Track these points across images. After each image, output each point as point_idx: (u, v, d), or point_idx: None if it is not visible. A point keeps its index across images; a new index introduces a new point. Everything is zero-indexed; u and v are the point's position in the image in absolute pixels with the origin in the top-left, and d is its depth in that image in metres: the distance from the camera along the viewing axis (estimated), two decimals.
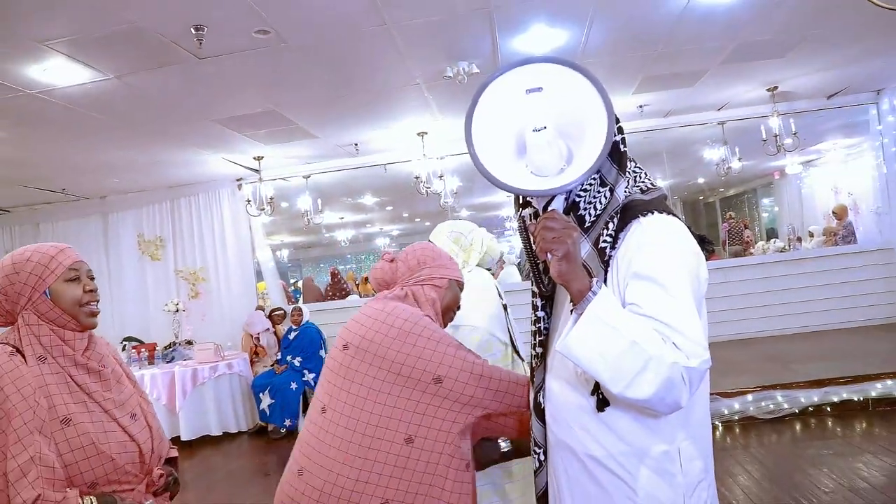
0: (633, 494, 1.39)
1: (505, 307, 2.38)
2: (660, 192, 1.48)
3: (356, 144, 7.03)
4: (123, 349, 7.30)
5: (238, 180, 7.91)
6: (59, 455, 1.45)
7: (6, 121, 5.05)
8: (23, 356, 1.52)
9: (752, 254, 10.40)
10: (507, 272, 10.69)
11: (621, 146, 1.41)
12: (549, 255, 1.31)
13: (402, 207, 13.76)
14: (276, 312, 7.62)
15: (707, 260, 1.57)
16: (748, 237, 11.86)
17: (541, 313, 1.57)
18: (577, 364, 1.31)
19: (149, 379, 6.29)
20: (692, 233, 1.45)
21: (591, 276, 1.34)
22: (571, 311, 1.35)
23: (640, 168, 1.51)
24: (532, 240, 1.40)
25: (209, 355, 6.67)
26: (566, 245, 1.29)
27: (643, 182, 1.48)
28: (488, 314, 2.29)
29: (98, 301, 1.66)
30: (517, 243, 19.38)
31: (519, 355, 2.34)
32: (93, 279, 1.68)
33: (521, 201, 1.54)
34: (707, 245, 10.46)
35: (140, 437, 1.62)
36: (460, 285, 1.88)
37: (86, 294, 1.62)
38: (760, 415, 4.94)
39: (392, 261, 1.89)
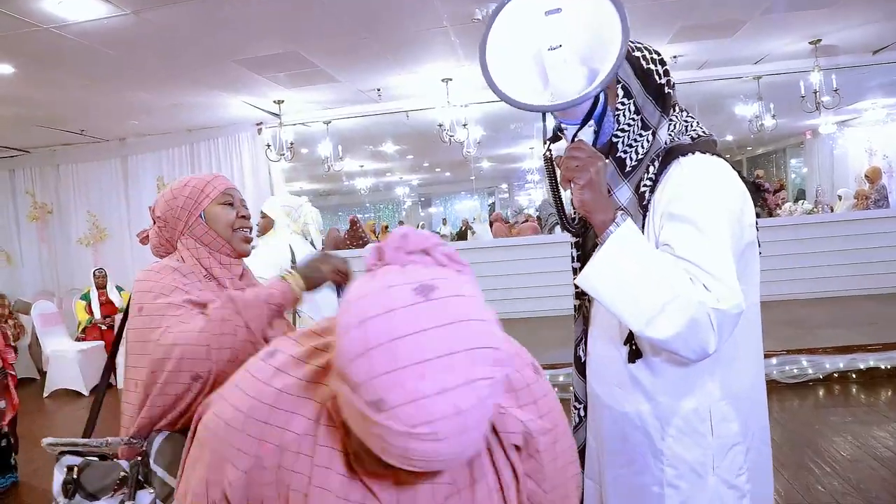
0: (659, 454, 1.35)
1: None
2: (709, 139, 1.38)
3: (378, 90, 6.87)
4: None
5: (258, 124, 7.79)
6: None
7: (21, 57, 4.94)
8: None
9: (779, 215, 10.16)
10: (481, 228, 10.77)
11: (665, 88, 1.33)
12: (572, 184, 1.26)
13: (423, 157, 13.61)
14: None
15: None
16: (778, 199, 11.51)
17: (576, 264, 1.51)
18: (597, 298, 1.26)
19: None
20: (743, 178, 1.36)
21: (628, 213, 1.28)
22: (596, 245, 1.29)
23: (692, 118, 1.42)
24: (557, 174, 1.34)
25: None
26: (589, 173, 1.24)
27: (695, 130, 1.39)
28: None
29: (251, 228, 1.68)
30: (536, 197, 19.22)
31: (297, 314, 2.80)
32: (245, 207, 1.68)
33: (548, 136, 1.45)
34: (762, 193, 10.16)
35: None
36: None
37: (239, 219, 1.62)
38: (783, 379, 4.85)
39: None
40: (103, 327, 7.13)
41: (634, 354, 1.36)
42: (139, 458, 1.41)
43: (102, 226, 8.35)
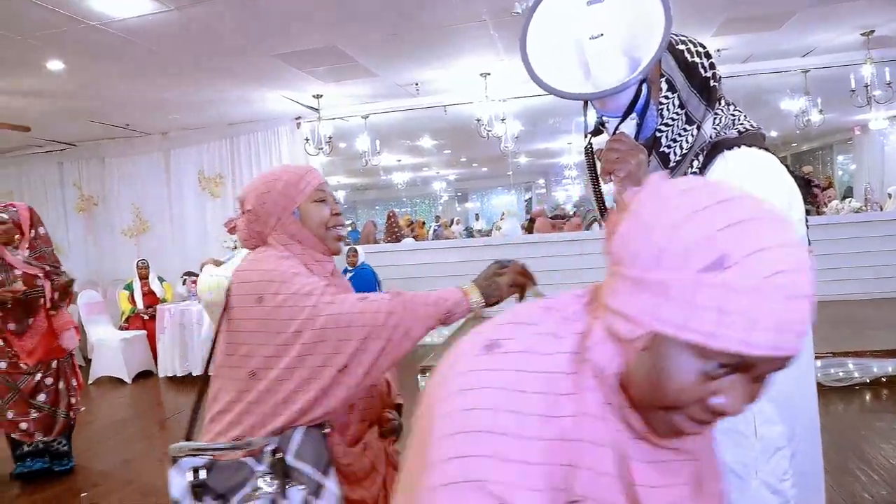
0: None
1: None
2: (756, 132, 1.35)
3: (417, 84, 6.86)
4: (184, 283, 7.48)
5: (297, 119, 7.86)
6: None
7: (67, 53, 5.06)
8: None
9: (825, 213, 9.86)
10: (510, 224, 10.70)
11: (711, 81, 1.30)
12: (612, 177, 1.26)
13: (460, 152, 13.58)
14: None
15: None
16: (825, 197, 11.15)
17: None
18: None
19: (205, 313, 6.42)
20: (792, 172, 1.31)
21: None
22: None
23: (739, 111, 1.39)
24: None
25: None
26: (629, 165, 1.23)
27: (742, 124, 1.36)
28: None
29: (344, 226, 1.63)
30: (574, 192, 19.02)
31: None
32: (337, 202, 1.63)
33: (590, 130, 1.45)
34: (813, 189, 9.89)
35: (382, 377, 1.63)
36: None
37: (333, 217, 1.58)
38: (827, 382, 4.70)
39: None
40: (145, 317, 7.30)
41: None
42: (276, 456, 1.37)
43: (145, 218, 8.53)
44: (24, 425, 3.93)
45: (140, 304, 7.36)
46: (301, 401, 1.35)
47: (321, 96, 7.08)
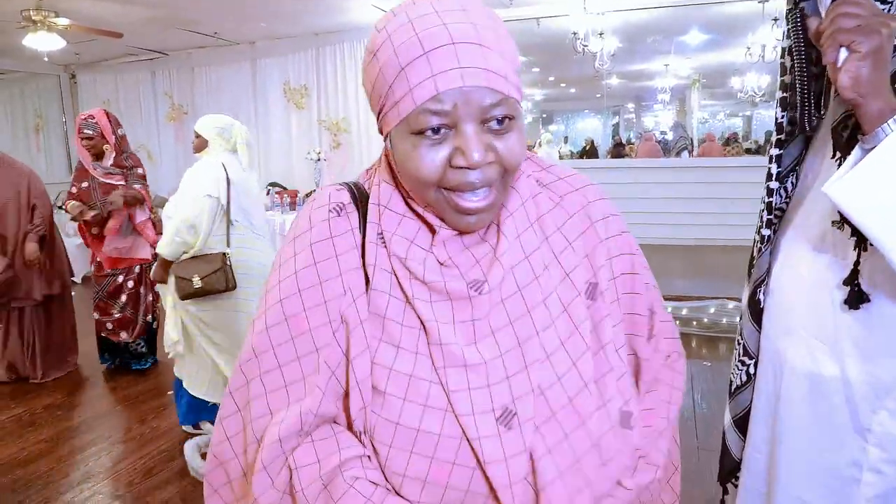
0: (863, 430, 1.06)
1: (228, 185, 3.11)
2: None
3: None
4: (267, 194, 7.57)
5: None
6: None
7: None
8: None
9: None
10: (546, 151, 10.31)
11: None
12: (841, 51, 0.89)
13: (549, 71, 13.05)
14: None
15: None
16: None
17: (774, 184, 1.17)
18: (849, 216, 0.91)
19: (289, 224, 6.48)
20: None
21: None
22: (837, 157, 0.97)
23: None
24: (811, 41, 0.97)
25: None
26: (879, 36, 0.86)
27: None
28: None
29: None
30: (664, 119, 17.97)
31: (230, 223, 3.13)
32: (494, 119, 0.71)
33: None
34: None
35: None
36: None
37: (452, 170, 0.73)
38: None
39: None
40: None
41: (857, 299, 1.02)
42: None
43: None
44: (109, 325, 4.24)
45: None
46: None
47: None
